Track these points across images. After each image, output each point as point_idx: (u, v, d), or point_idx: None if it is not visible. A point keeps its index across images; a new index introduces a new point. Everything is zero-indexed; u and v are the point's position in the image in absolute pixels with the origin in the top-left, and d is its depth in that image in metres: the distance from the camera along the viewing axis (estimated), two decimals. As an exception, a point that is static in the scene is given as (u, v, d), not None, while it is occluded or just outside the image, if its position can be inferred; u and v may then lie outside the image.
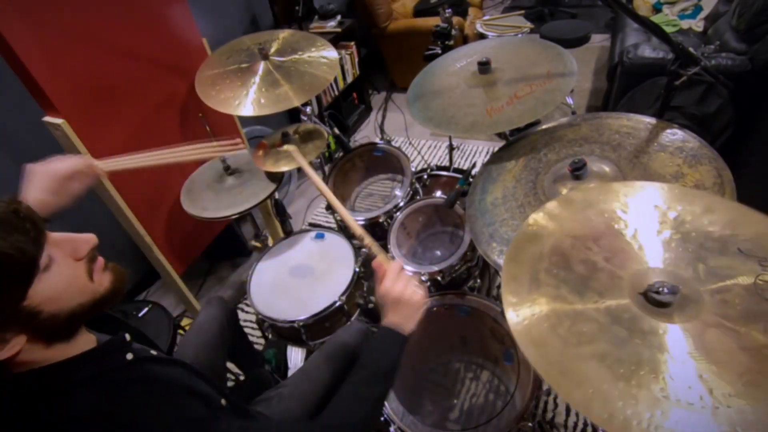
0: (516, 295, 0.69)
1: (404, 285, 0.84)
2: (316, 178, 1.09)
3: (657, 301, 0.62)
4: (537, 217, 0.79)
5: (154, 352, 0.74)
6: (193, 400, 0.66)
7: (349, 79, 3.07)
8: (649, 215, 0.74)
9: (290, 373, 1.72)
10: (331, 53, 1.55)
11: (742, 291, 0.61)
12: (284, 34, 1.64)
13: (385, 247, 1.42)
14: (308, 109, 1.67)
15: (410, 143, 3.02)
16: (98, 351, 0.65)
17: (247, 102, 1.42)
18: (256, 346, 1.58)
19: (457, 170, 1.69)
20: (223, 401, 0.74)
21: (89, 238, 0.63)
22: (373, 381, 0.82)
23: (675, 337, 0.59)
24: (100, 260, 0.65)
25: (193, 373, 0.77)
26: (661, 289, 0.62)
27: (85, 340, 0.67)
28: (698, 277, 0.65)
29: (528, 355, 0.62)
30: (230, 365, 1.47)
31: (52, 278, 0.56)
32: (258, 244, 2.44)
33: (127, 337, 0.70)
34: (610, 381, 0.56)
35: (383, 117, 3.36)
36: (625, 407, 0.54)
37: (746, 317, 0.58)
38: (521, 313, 0.67)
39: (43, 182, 0.87)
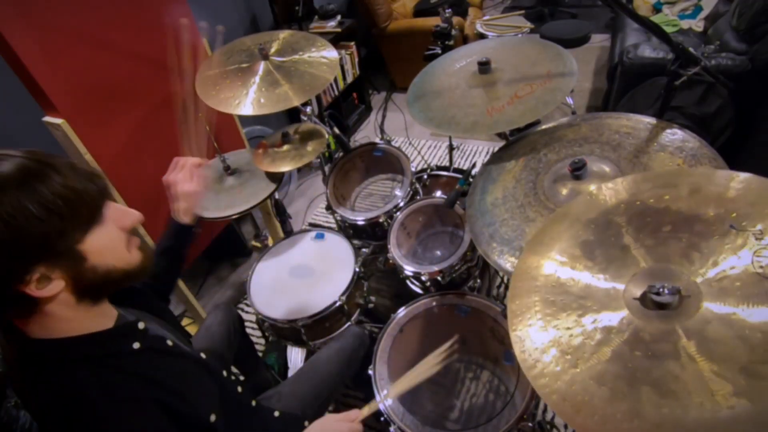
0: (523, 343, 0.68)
1: None
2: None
3: (657, 303, 0.61)
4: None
5: (170, 342, 0.75)
6: (168, 424, 0.67)
7: (349, 79, 3.07)
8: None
9: (290, 373, 1.72)
10: (331, 53, 1.55)
11: (742, 275, 0.59)
12: (284, 34, 1.64)
13: (385, 247, 1.42)
14: (308, 109, 1.66)
15: (410, 143, 3.02)
16: (106, 334, 0.68)
17: (247, 101, 1.42)
18: (256, 347, 1.58)
19: (457, 170, 1.69)
20: (212, 417, 0.75)
21: (137, 215, 0.71)
22: None
23: (678, 339, 0.58)
24: (137, 239, 0.72)
25: (201, 369, 0.77)
26: (660, 290, 0.60)
27: (107, 316, 0.70)
28: (694, 268, 0.63)
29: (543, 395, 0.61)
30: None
31: (102, 233, 0.64)
32: (258, 244, 2.44)
33: (141, 325, 0.72)
34: (612, 401, 0.56)
35: (383, 117, 3.36)
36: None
37: (747, 300, 0.56)
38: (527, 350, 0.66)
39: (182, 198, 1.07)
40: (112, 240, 0.66)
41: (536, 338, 0.65)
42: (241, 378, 1.58)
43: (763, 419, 0.49)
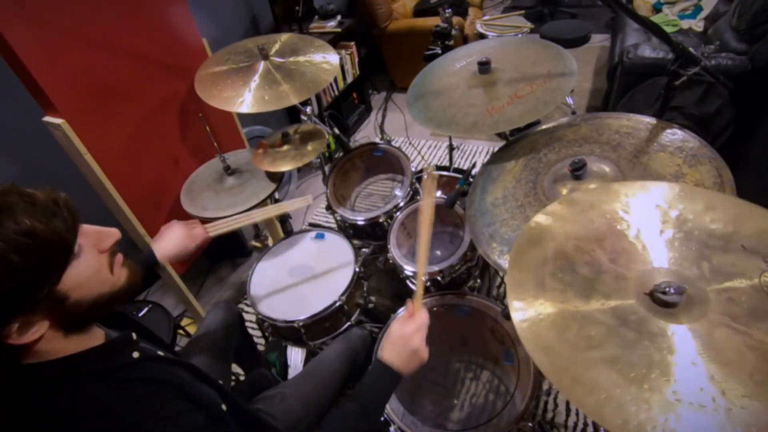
0: (522, 300, 0.69)
1: (421, 340, 0.87)
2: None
3: (663, 301, 0.61)
4: (539, 220, 0.79)
5: (161, 353, 0.75)
6: (193, 408, 0.66)
7: (349, 79, 3.07)
8: (651, 215, 0.74)
9: (290, 372, 1.72)
10: (332, 57, 1.55)
11: (749, 289, 0.61)
12: (284, 37, 1.64)
13: (385, 247, 1.42)
14: (308, 109, 1.66)
15: (410, 143, 3.02)
16: (106, 347, 0.67)
17: (248, 100, 1.42)
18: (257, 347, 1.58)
19: (457, 170, 1.69)
20: (223, 406, 0.75)
21: (114, 233, 0.67)
22: (363, 416, 0.83)
23: (683, 338, 0.58)
24: (120, 256, 0.69)
25: (197, 376, 0.77)
26: (667, 289, 0.61)
27: (96, 336, 0.68)
28: (703, 276, 0.64)
29: (538, 362, 0.61)
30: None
31: (81, 266, 0.60)
32: (258, 244, 2.44)
33: (134, 335, 0.71)
34: (622, 385, 0.56)
35: (383, 117, 3.36)
36: (638, 412, 0.53)
37: (753, 316, 0.58)
38: (528, 318, 0.66)
39: (170, 242, 1.08)
40: (93, 268, 0.62)
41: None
42: (241, 378, 1.58)
43: None
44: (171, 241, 1.08)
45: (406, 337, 0.86)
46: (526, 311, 0.67)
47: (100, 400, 0.60)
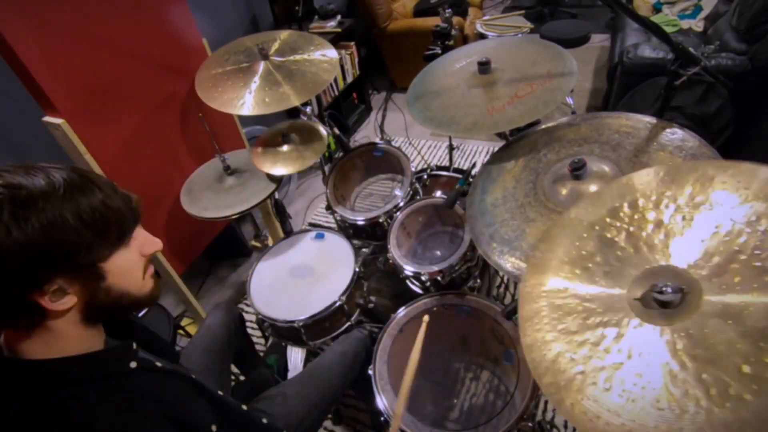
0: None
1: None
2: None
3: (660, 301, 0.61)
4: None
5: (159, 364, 0.75)
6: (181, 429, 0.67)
7: (349, 79, 3.07)
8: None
9: (290, 373, 1.72)
10: (331, 52, 1.55)
11: (740, 267, 0.58)
12: (284, 34, 1.64)
13: (385, 247, 1.42)
14: (308, 109, 1.66)
15: (410, 143, 3.02)
16: (104, 354, 0.68)
17: (249, 102, 1.42)
18: (256, 347, 1.58)
19: (457, 170, 1.69)
20: (214, 427, 0.75)
21: (158, 243, 0.72)
22: None
23: (672, 340, 0.58)
24: (152, 267, 0.73)
25: (195, 389, 0.77)
26: (664, 288, 0.60)
27: (98, 342, 0.70)
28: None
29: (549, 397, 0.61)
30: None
31: (125, 256, 0.65)
32: (258, 244, 2.44)
33: (135, 345, 0.72)
34: (617, 403, 0.56)
35: (383, 117, 3.36)
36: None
37: (747, 292, 0.56)
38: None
39: None
40: (133, 264, 0.67)
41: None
42: (241, 378, 1.58)
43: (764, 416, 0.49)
44: None
45: None
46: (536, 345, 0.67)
47: (87, 407, 0.61)
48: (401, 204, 1.51)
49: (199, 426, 0.73)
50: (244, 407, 0.90)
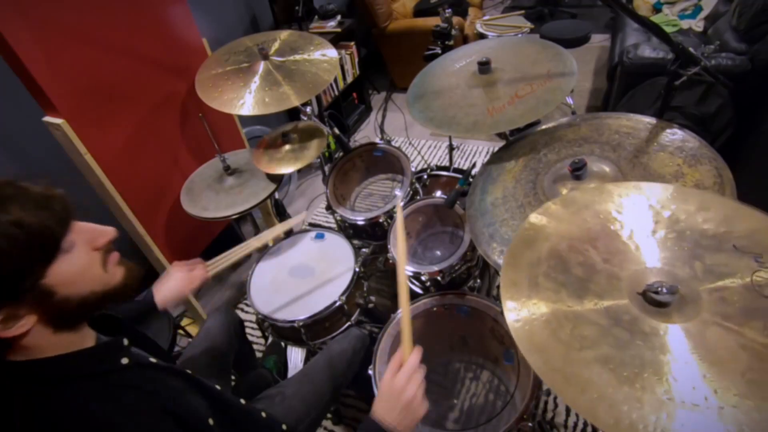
0: (516, 301, 0.69)
1: (414, 391, 0.78)
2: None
3: (656, 301, 0.62)
4: (533, 220, 0.79)
5: (152, 360, 0.74)
6: (175, 426, 0.66)
7: (349, 79, 3.07)
8: (643, 215, 0.75)
9: (290, 373, 1.72)
10: (331, 52, 1.55)
11: (740, 288, 0.61)
12: (284, 34, 1.64)
13: (384, 247, 1.42)
14: (308, 109, 1.66)
15: (410, 143, 3.02)
16: (94, 351, 0.66)
17: (249, 102, 1.42)
18: (256, 346, 1.58)
19: (457, 170, 1.69)
20: (211, 421, 0.74)
21: (109, 231, 0.67)
22: None
23: (676, 337, 0.59)
24: (116, 254, 0.68)
25: (190, 384, 0.77)
26: (659, 288, 0.61)
27: (87, 339, 0.68)
28: (696, 276, 0.65)
29: (531, 362, 0.61)
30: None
31: (70, 261, 0.59)
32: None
33: (125, 341, 0.70)
34: (615, 385, 0.56)
35: (383, 117, 3.36)
36: (630, 411, 0.53)
37: (745, 315, 0.58)
38: (522, 318, 0.67)
39: (169, 286, 1.10)
40: (83, 265, 0.61)
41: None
42: (237, 379, 1.58)
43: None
44: (170, 286, 1.10)
45: (396, 389, 0.77)
46: (519, 311, 0.67)
47: (81, 405, 0.60)
48: (401, 204, 1.50)
49: (196, 420, 0.72)
50: (242, 401, 0.90)
